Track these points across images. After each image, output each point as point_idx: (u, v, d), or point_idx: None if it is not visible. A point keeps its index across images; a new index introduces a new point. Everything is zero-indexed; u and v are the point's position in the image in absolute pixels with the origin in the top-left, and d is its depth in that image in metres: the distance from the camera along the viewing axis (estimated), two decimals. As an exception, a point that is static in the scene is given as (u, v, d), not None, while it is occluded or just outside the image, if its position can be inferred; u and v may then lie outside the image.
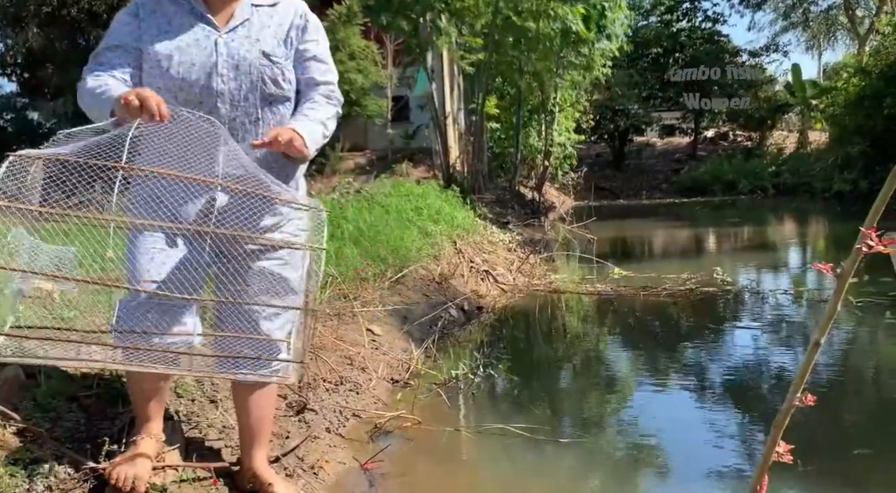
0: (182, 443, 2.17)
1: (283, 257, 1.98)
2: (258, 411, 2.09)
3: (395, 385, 3.73)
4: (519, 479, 2.90)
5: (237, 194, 1.83)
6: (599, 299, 6.24)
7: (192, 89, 1.83)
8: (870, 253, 1.51)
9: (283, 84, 1.93)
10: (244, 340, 1.97)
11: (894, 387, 3.85)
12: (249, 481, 2.12)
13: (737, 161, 19.81)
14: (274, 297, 1.96)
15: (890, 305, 5.00)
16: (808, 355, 1.60)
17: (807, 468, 2.56)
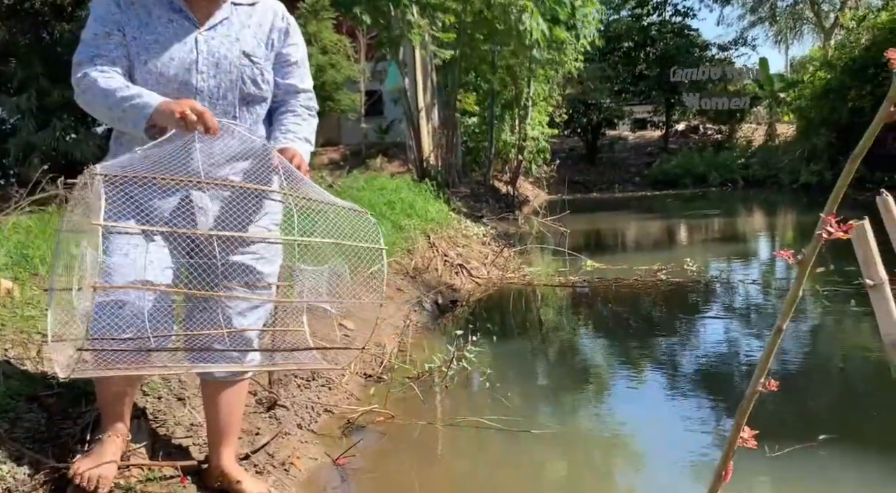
0: (148, 442, 2.13)
1: (259, 252, 1.97)
2: (228, 408, 2.07)
3: (368, 380, 3.71)
4: (493, 471, 2.91)
5: (224, 193, 1.86)
6: (573, 292, 6.28)
7: (171, 85, 1.80)
8: (830, 239, 1.53)
9: (262, 85, 1.92)
10: (215, 335, 1.95)
11: (858, 373, 3.93)
12: (217, 479, 2.10)
13: (707, 154, 20.07)
14: (247, 292, 1.95)
15: (854, 293, 5.10)
16: (771, 341, 1.62)
17: (773, 454, 2.61)
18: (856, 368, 4.04)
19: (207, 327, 1.93)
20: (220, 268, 1.91)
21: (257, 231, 1.96)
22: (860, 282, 2.95)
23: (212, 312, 1.95)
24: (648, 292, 5.96)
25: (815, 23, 24.99)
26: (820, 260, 5.91)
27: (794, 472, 2.60)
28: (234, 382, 2.06)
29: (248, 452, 2.41)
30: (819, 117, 16.38)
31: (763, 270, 7.62)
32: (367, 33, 14.30)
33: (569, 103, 19.96)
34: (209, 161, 1.81)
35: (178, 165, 1.74)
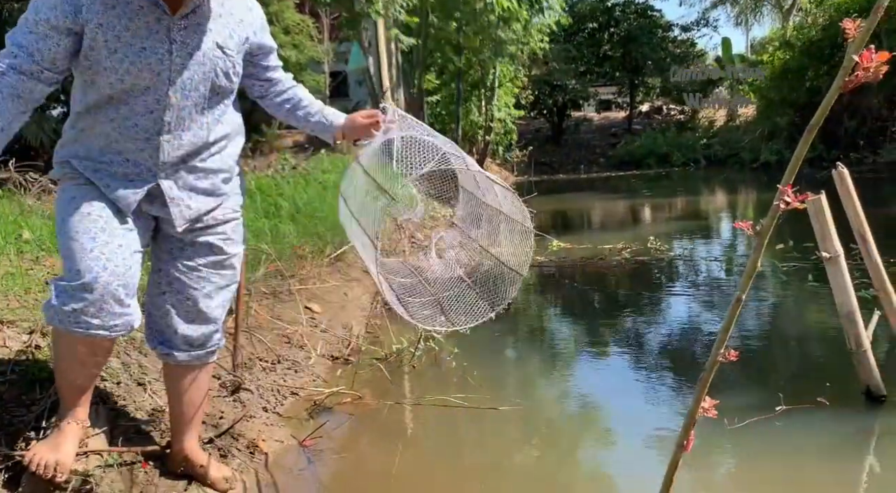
0: (108, 427, 2.08)
1: (226, 232, 1.96)
2: (191, 392, 2.03)
3: (335, 362, 3.68)
4: (461, 449, 2.92)
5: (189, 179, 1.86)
6: (539, 272, 6.32)
7: (142, 74, 1.73)
8: (787, 210, 1.55)
9: (233, 77, 1.89)
10: (182, 318, 1.92)
11: (815, 345, 4.04)
12: (181, 464, 2.07)
13: (670, 134, 20.32)
14: (214, 273, 1.93)
15: (813, 268, 5.23)
16: (731, 312, 1.64)
17: (732, 426, 2.67)
18: (813, 340, 4.15)
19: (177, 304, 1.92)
20: (188, 248, 1.91)
21: (226, 212, 1.95)
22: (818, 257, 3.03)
23: (178, 293, 1.91)
24: (613, 271, 6.03)
25: (775, 4, 25.36)
26: (780, 236, 6.05)
27: (752, 443, 2.66)
28: (198, 366, 2.03)
29: (211, 436, 2.38)
30: (779, 97, 16.68)
31: (724, 246, 7.77)
32: (329, 13, 14.06)
33: (534, 84, 19.98)
34: (177, 153, 1.80)
35: (147, 156, 1.79)
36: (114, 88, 1.73)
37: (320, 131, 2.11)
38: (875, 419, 2.86)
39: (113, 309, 1.71)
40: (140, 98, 1.75)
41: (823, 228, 2.72)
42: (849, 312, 2.84)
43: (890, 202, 10.09)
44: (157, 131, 1.77)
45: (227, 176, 1.93)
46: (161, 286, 1.93)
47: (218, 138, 1.88)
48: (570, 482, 2.60)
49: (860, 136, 15.17)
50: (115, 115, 1.76)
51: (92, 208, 1.75)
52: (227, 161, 1.93)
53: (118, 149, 1.78)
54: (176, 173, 1.83)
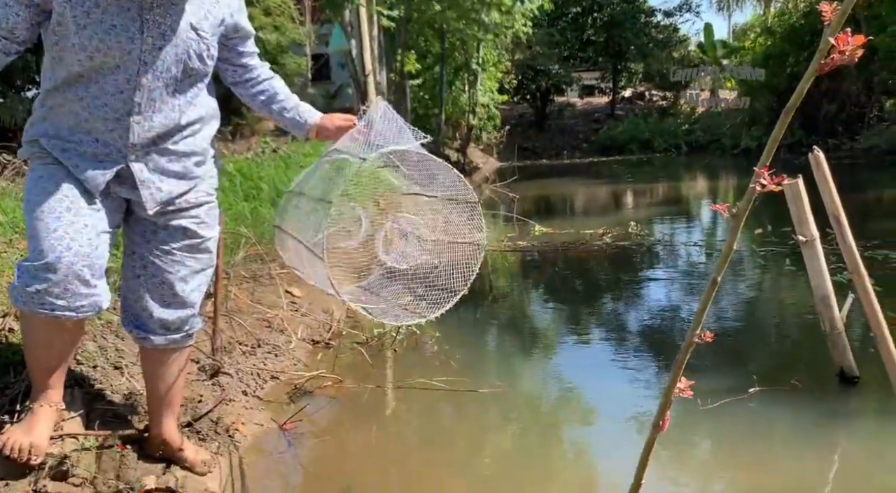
0: (84, 411, 2.06)
1: (200, 216, 1.93)
2: (168, 377, 2.01)
3: (316, 346, 3.67)
4: (442, 431, 2.93)
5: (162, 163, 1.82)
6: (522, 256, 6.34)
7: (112, 53, 1.68)
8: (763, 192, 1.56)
9: (207, 60, 1.84)
10: (157, 301, 1.90)
11: (791, 328, 4.10)
12: (159, 447, 2.06)
13: (652, 120, 20.39)
14: (189, 256, 1.91)
15: (790, 253, 5.30)
16: (706, 294, 1.66)
17: (706, 407, 2.71)
18: (788, 323, 4.21)
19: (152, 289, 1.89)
20: (162, 232, 1.88)
21: (199, 196, 1.91)
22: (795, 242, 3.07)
23: (153, 277, 1.89)
24: (595, 256, 6.07)
25: (757, -10, 25.42)
26: (758, 221, 6.12)
27: (726, 424, 2.70)
28: (175, 349, 2.00)
29: (190, 419, 2.36)
30: (759, 83, 16.79)
31: (704, 231, 7.84)
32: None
33: (518, 69, 19.93)
34: (147, 134, 1.76)
35: (117, 137, 1.74)
36: (83, 66, 1.69)
37: (293, 128, 2.08)
38: (848, 399, 2.91)
39: (78, 290, 1.67)
40: (110, 77, 1.70)
41: (800, 212, 2.75)
42: (824, 295, 2.88)
43: (866, 188, 10.24)
44: (128, 112, 1.72)
45: (199, 159, 1.89)
46: (135, 270, 1.90)
47: (190, 121, 1.84)
48: (550, 462, 2.62)
49: (839, 122, 15.34)
50: (84, 93, 1.72)
51: (58, 188, 1.71)
52: (200, 144, 1.89)
53: (87, 128, 1.74)
54: (146, 155, 1.79)
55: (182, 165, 1.85)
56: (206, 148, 1.92)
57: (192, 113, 1.84)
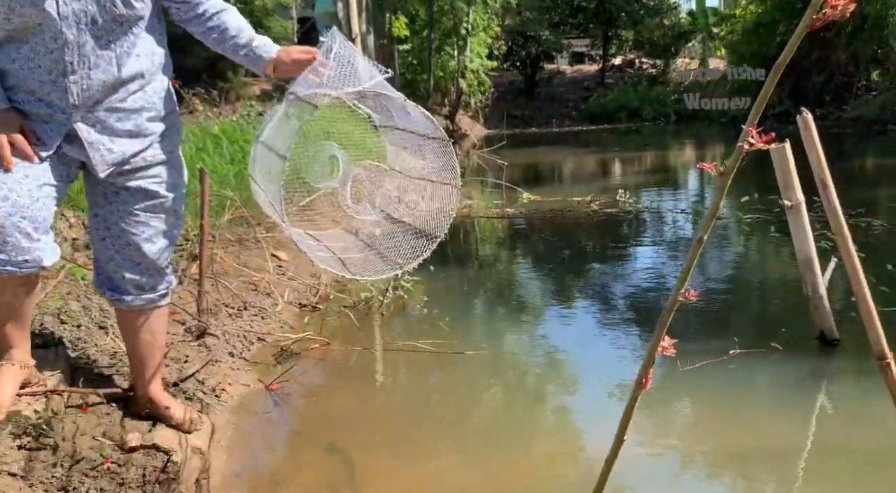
0: (68, 370, 2.05)
1: (160, 175, 1.86)
2: (147, 337, 1.99)
3: (303, 310, 3.68)
4: (428, 392, 2.96)
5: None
6: (509, 223, 6.34)
7: (26, 11, 1.59)
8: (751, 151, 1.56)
9: (134, 3, 1.71)
10: (126, 263, 1.87)
11: (774, 293, 4.14)
12: (145, 406, 2.06)
13: (642, 89, 20.25)
14: (152, 216, 1.86)
15: (775, 220, 5.34)
16: (692, 253, 1.66)
17: (686, 368, 2.75)
18: (771, 289, 4.25)
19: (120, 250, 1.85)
20: (122, 193, 1.81)
21: (157, 154, 1.84)
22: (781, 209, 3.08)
23: (118, 239, 1.84)
24: (582, 223, 6.07)
25: (750, -43, 25.10)
26: (744, 189, 6.14)
27: (707, 385, 2.75)
28: (151, 309, 1.97)
29: (176, 379, 2.37)
30: (749, 52, 16.70)
31: (691, 199, 7.86)
32: (297, -45, 13.53)
33: (507, 35, 19.65)
34: (87, 94, 1.67)
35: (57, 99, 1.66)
36: (5, 30, 1.61)
37: (250, 64, 1.91)
38: (827, 361, 2.97)
39: (19, 243, 1.61)
40: (37, 37, 1.62)
41: (786, 177, 2.76)
42: (807, 258, 2.91)
43: (852, 157, 10.29)
44: (62, 72, 1.64)
45: (152, 115, 1.80)
46: (101, 232, 1.85)
47: (134, 74, 1.73)
48: (535, 423, 2.66)
49: (827, 92, 15.34)
50: (16, 55, 1.64)
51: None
52: (151, 99, 1.79)
53: (28, 89, 1.67)
54: (93, 115, 1.70)
55: (133, 123, 1.76)
56: (158, 102, 1.81)
57: (134, 65, 1.73)
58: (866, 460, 2.27)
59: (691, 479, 2.24)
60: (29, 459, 1.73)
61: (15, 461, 1.70)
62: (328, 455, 2.33)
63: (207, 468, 2.08)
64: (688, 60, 22.50)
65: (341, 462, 2.28)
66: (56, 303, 2.41)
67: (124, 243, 1.84)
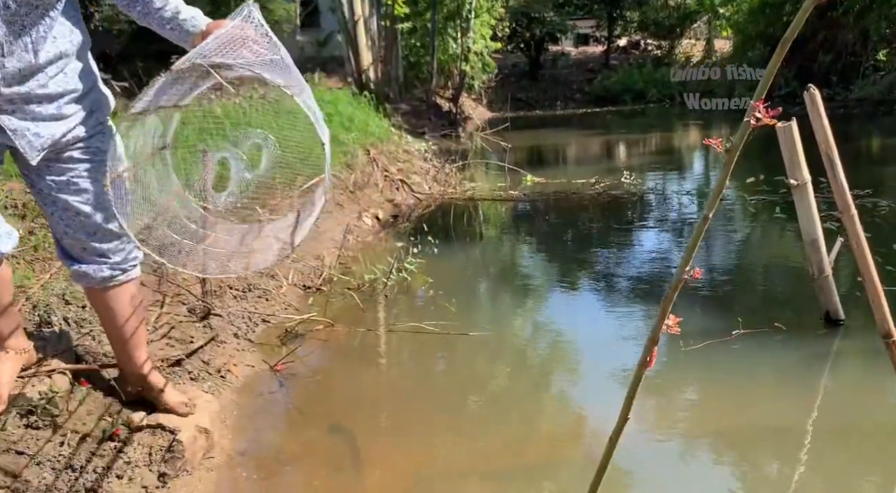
0: (71, 349, 2.06)
1: (93, 144, 1.80)
2: (120, 315, 1.92)
3: (307, 291, 3.68)
4: (431, 373, 2.97)
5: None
6: (513, 206, 6.32)
7: None
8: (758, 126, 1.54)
9: None
10: (80, 234, 1.80)
11: (778, 275, 4.13)
12: (135, 385, 2.01)
13: (647, 70, 20.08)
14: (92, 181, 1.79)
15: (781, 201, 5.30)
16: (697, 230, 1.65)
17: (689, 347, 2.75)
18: (776, 270, 4.24)
19: (70, 223, 1.80)
20: (55, 164, 1.75)
21: (86, 129, 1.78)
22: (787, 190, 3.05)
23: (65, 211, 1.79)
24: (586, 205, 6.05)
25: (757, -65, 24.75)
26: (750, 170, 6.09)
27: (710, 365, 2.75)
28: (118, 285, 1.90)
29: (181, 356, 2.37)
30: (756, 31, 16.52)
31: (696, 181, 7.82)
32: (299, -64, 13.39)
33: (511, 16, 19.46)
34: (2, 83, 1.60)
35: None
36: None
37: (177, 39, 1.81)
38: (832, 341, 2.96)
39: None
40: None
41: (792, 155, 2.73)
42: (813, 238, 2.89)
43: (858, 137, 10.21)
44: None
45: (73, 96, 1.73)
46: (48, 208, 1.80)
47: (51, 59, 1.66)
48: (537, 403, 2.67)
49: (834, 72, 15.17)
50: None
51: None
52: (70, 82, 1.72)
53: None
54: (12, 104, 1.64)
55: (56, 107, 1.70)
56: (78, 84, 1.75)
57: (51, 49, 1.66)
58: (870, 439, 2.27)
59: (694, 459, 2.24)
60: (36, 438, 1.74)
61: (22, 439, 1.72)
62: (333, 435, 2.34)
63: (212, 446, 2.09)
64: (693, 41, 22.28)
65: (345, 442, 2.29)
66: (60, 284, 2.41)
67: (72, 214, 1.78)
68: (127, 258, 1.89)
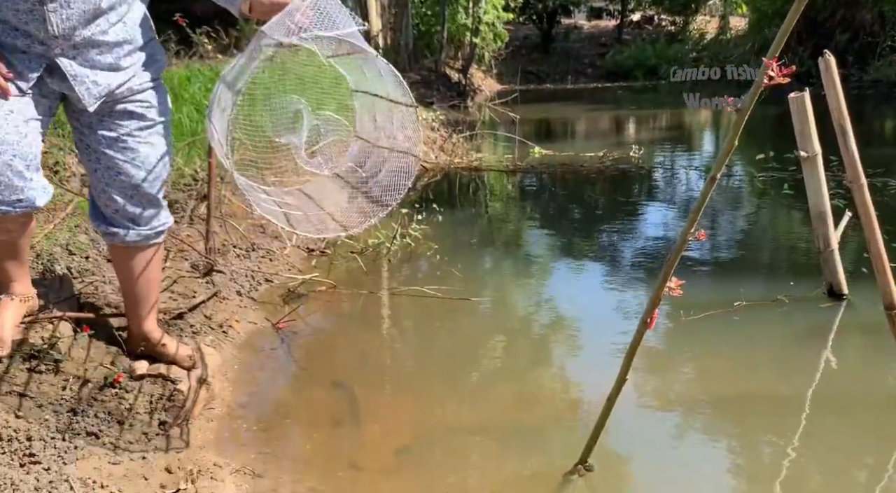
0: (74, 299, 2.07)
1: (147, 100, 1.82)
2: (140, 275, 1.95)
3: (311, 254, 3.69)
4: (431, 335, 2.98)
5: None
6: (520, 177, 6.29)
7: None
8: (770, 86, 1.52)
9: None
10: (118, 194, 1.83)
11: (784, 250, 4.10)
12: (140, 344, 2.04)
13: (660, 46, 19.80)
14: (141, 143, 1.81)
15: (789, 177, 5.26)
16: (704, 191, 1.64)
17: (689, 317, 2.75)
18: (781, 245, 4.22)
19: (111, 182, 1.82)
20: (107, 119, 1.77)
21: (142, 82, 1.80)
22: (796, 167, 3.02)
23: (108, 169, 1.81)
24: (593, 179, 6.01)
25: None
26: (759, 146, 6.03)
27: (710, 335, 2.75)
28: (145, 247, 1.94)
29: (183, 310, 2.39)
30: (772, 9, 16.24)
31: (706, 157, 7.76)
32: None
33: (524, -14, 19.15)
34: (67, 24, 1.61)
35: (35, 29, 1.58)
36: None
37: (225, 3, 1.81)
38: (835, 315, 2.95)
39: (12, 182, 1.58)
40: None
41: (804, 127, 2.70)
42: (821, 212, 2.87)
43: (871, 118, 10.10)
44: (40, 0, 1.56)
45: (131, 48, 1.75)
46: (91, 164, 1.82)
47: (112, 4, 1.67)
48: (536, 366, 2.68)
49: (850, 52, 14.93)
50: None
51: None
52: (130, 32, 1.74)
53: (3, 18, 1.61)
54: (74, 49, 1.65)
55: (115, 57, 1.72)
56: (136, 35, 1.76)
57: None
58: (870, 411, 2.27)
59: (691, 428, 2.25)
60: (38, 382, 1.76)
61: (24, 383, 1.74)
62: (333, 391, 2.36)
63: (213, 398, 2.11)
64: (708, 18, 21.94)
65: (346, 398, 2.31)
66: (65, 235, 2.42)
67: (115, 173, 1.80)
68: (156, 225, 1.92)
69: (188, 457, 1.77)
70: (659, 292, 1.69)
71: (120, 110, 1.78)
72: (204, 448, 1.84)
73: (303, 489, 1.77)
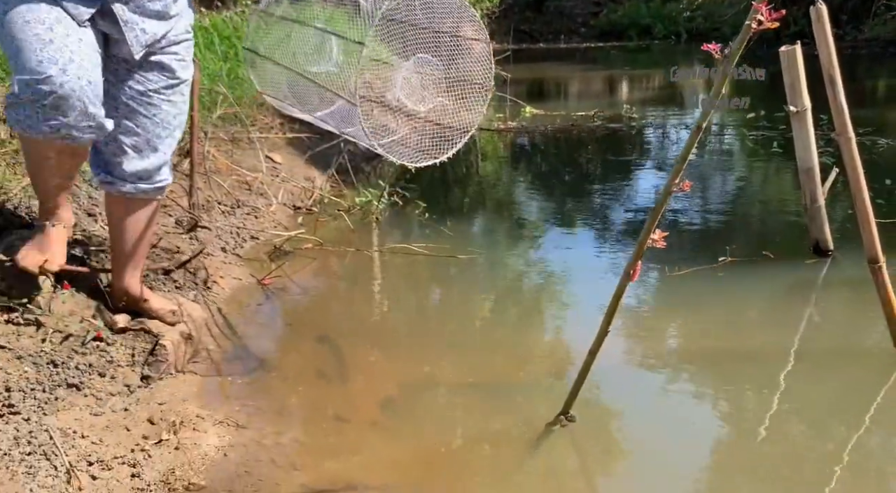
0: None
1: (180, 52, 1.85)
2: (134, 228, 1.95)
3: (297, 212, 3.65)
4: (419, 291, 2.99)
5: None
6: (511, 137, 6.23)
7: None
8: (760, 30, 1.48)
9: None
10: (129, 148, 1.84)
11: (769, 208, 4.09)
12: (122, 299, 2.02)
13: (654, 5, 19.46)
14: (164, 100, 1.84)
15: (778, 136, 5.24)
16: (689, 141, 1.62)
17: (675, 273, 2.75)
18: (768, 202, 4.21)
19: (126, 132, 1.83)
20: (137, 70, 1.79)
21: (179, 33, 1.83)
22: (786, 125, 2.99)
23: (126, 120, 1.82)
24: (585, 138, 5.96)
25: None
26: (750, 106, 5.99)
27: (695, 291, 2.77)
28: (144, 200, 1.93)
29: (166, 266, 2.36)
30: (769, -32, 15.96)
31: (697, 116, 7.71)
32: None
33: (517, -59, 18.71)
34: None
35: None
36: None
37: None
38: (819, 271, 2.96)
39: (87, 109, 1.57)
40: None
41: (794, 81, 2.66)
42: (808, 167, 2.85)
43: (864, 77, 10.04)
44: None
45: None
46: (109, 112, 1.76)
47: None
48: (521, 323, 2.69)
49: (845, 11, 14.75)
50: None
51: (38, 6, 1.57)
52: None
53: None
54: None
55: (163, 4, 1.74)
56: None
57: None
58: (853, 365, 2.29)
59: (675, 382, 2.26)
60: (17, 334, 1.75)
61: (3, 334, 1.72)
62: (318, 345, 2.36)
63: (197, 352, 2.11)
64: (704, -24, 21.51)
65: (331, 352, 2.32)
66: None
67: (133, 126, 1.81)
68: (156, 181, 1.92)
69: (171, 409, 1.77)
70: (642, 243, 1.68)
71: (153, 62, 1.79)
72: (187, 401, 1.84)
73: (286, 440, 1.78)
